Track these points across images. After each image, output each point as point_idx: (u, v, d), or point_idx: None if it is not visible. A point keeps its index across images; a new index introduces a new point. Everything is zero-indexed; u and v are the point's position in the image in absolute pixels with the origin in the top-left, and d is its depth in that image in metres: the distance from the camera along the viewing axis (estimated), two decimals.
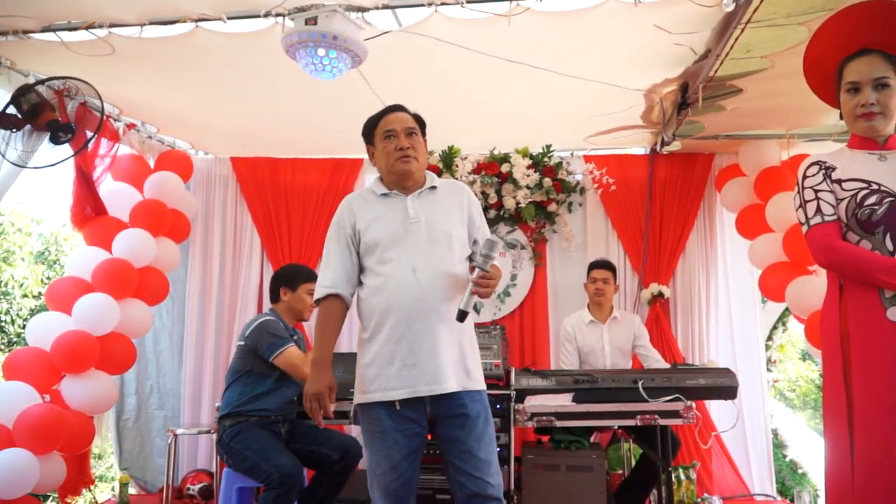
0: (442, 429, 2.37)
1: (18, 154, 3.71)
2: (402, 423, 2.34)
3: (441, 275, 2.36)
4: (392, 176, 2.50)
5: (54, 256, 10.90)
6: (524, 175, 5.08)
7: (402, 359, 2.32)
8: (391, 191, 2.50)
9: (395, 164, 2.46)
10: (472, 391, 2.39)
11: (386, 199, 2.50)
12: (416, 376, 2.31)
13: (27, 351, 4.02)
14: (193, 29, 3.32)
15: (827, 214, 2.26)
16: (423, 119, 2.61)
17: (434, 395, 2.32)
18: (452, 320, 2.33)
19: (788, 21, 2.92)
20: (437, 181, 2.56)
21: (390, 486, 2.33)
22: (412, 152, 2.46)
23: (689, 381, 3.60)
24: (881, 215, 2.20)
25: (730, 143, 4.81)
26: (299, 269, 3.69)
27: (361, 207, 2.51)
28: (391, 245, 2.40)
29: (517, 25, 3.13)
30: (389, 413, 2.34)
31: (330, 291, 2.45)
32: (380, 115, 2.57)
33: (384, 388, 2.34)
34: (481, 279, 2.30)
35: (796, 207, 2.36)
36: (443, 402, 2.34)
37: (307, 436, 3.43)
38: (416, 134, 2.52)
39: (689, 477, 4.64)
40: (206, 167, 5.47)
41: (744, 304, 5.09)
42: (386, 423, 2.34)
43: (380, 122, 2.54)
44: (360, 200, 2.55)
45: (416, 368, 2.31)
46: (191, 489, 4.72)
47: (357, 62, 3.18)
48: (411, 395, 2.31)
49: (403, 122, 2.51)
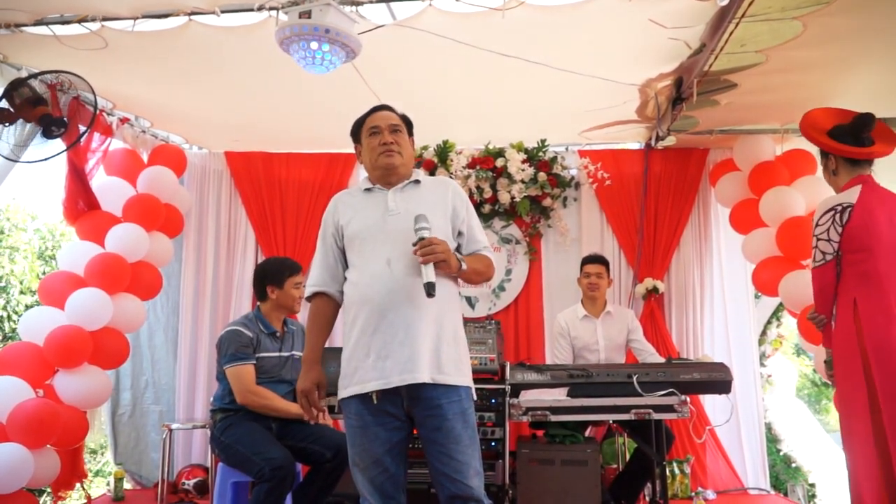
0: (420, 429, 2.35)
1: (11, 148, 3.69)
2: (381, 417, 2.33)
3: (416, 266, 2.31)
4: (377, 171, 2.53)
5: (51, 252, 10.87)
6: (519, 169, 5.08)
7: (376, 350, 2.32)
8: (375, 185, 2.54)
9: (379, 158, 2.49)
10: (449, 389, 2.33)
11: (369, 194, 2.53)
12: (390, 367, 2.29)
13: (20, 346, 4.01)
14: (187, 23, 3.30)
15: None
16: (409, 119, 2.64)
17: (409, 388, 2.29)
18: (428, 310, 2.32)
19: (783, 15, 2.92)
20: (423, 177, 2.58)
21: (376, 479, 2.33)
22: (396, 147, 2.49)
23: (684, 375, 3.61)
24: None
25: (724, 137, 4.82)
26: (283, 264, 3.64)
27: (345, 204, 2.55)
28: (369, 237, 2.42)
29: (511, 19, 3.13)
30: (368, 407, 2.33)
31: (315, 290, 2.51)
32: (366, 114, 2.61)
33: (361, 381, 2.33)
34: (419, 247, 2.27)
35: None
36: (419, 400, 2.31)
37: (299, 433, 3.42)
38: (400, 131, 2.55)
39: (683, 471, 4.67)
40: (200, 161, 5.45)
41: (738, 299, 5.10)
42: (366, 417, 2.34)
43: (366, 121, 2.58)
44: (345, 197, 2.59)
45: (390, 359, 2.29)
46: (186, 484, 4.72)
47: (351, 56, 3.17)
48: (384, 385, 2.29)
49: (388, 119, 2.55)
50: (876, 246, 2.88)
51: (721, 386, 3.65)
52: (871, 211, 2.91)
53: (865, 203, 2.92)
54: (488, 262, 2.53)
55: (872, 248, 2.89)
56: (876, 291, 2.87)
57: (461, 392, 2.37)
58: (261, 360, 3.44)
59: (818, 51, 3.31)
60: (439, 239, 2.34)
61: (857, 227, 2.90)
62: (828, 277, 3.00)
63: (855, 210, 2.92)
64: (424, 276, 2.26)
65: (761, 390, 5.15)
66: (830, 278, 3.00)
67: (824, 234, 2.97)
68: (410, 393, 2.31)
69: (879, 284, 2.87)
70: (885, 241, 2.89)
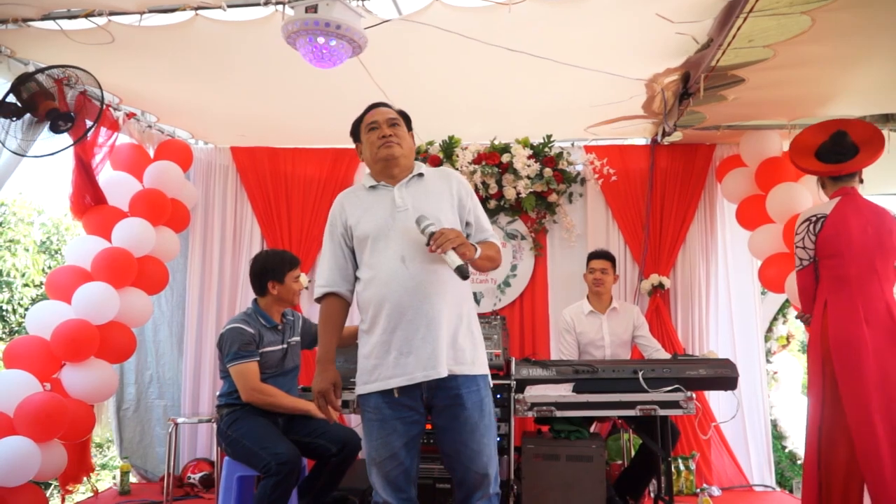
0: (437, 417, 2.40)
1: (18, 143, 3.70)
2: (400, 410, 2.37)
3: (430, 261, 2.37)
4: (378, 164, 2.55)
5: (56, 246, 10.92)
6: (525, 165, 5.07)
7: (398, 348, 2.36)
8: (379, 182, 2.55)
9: (379, 150, 2.52)
10: (468, 378, 2.40)
11: (374, 192, 2.55)
12: (412, 363, 2.34)
13: (27, 339, 4.03)
14: (193, 17, 3.30)
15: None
16: (407, 114, 2.67)
17: (430, 381, 2.35)
18: (445, 304, 2.37)
19: (791, 10, 2.90)
20: (425, 169, 2.60)
21: (390, 473, 2.36)
22: (395, 139, 2.52)
23: (690, 371, 3.61)
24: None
25: (731, 133, 4.80)
26: (281, 259, 3.62)
27: (351, 203, 2.56)
28: (380, 236, 2.44)
29: (518, 14, 3.11)
30: (388, 401, 2.37)
31: (326, 290, 2.53)
32: (363, 113, 2.65)
33: (383, 378, 2.37)
34: (433, 241, 2.30)
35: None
36: (439, 390, 2.36)
37: (305, 427, 3.43)
38: (398, 125, 2.57)
39: (688, 467, 4.66)
40: (206, 157, 5.46)
41: (744, 295, 5.09)
42: (385, 411, 2.37)
43: (364, 118, 2.63)
44: (350, 196, 2.61)
45: (412, 355, 2.34)
46: (192, 478, 4.74)
47: (357, 51, 3.17)
48: (408, 382, 2.34)
49: (385, 114, 2.58)
50: (846, 252, 3.24)
51: (727, 382, 3.64)
52: (845, 220, 3.27)
53: (839, 214, 3.29)
54: (497, 248, 2.58)
55: (843, 254, 3.25)
56: (846, 294, 3.23)
57: (479, 381, 2.44)
58: (265, 355, 3.45)
59: (826, 46, 3.29)
60: (448, 227, 2.37)
61: (830, 235, 3.28)
62: (807, 280, 3.41)
63: (828, 220, 3.30)
64: (451, 263, 2.30)
65: (767, 387, 5.14)
66: (810, 281, 3.40)
67: (800, 241, 3.39)
68: (430, 385, 2.36)
69: (849, 288, 3.23)
70: (855, 249, 3.23)
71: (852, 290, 3.22)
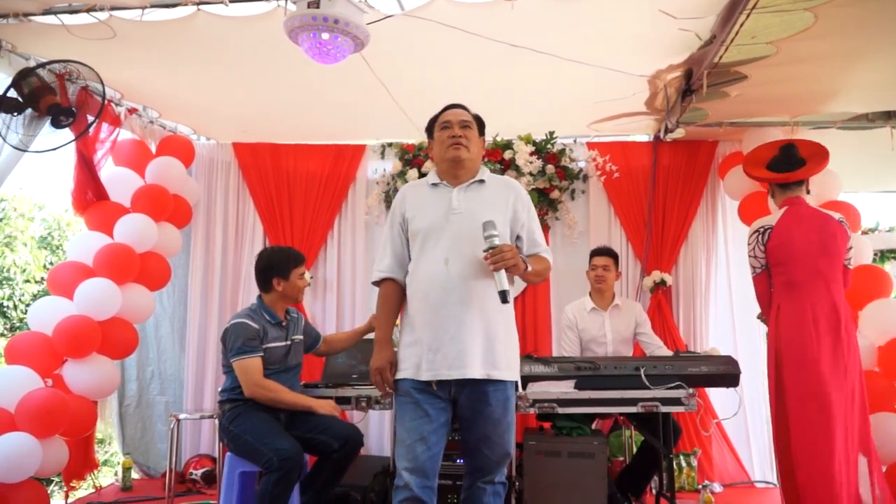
0: (463, 410, 2.51)
1: (19, 138, 3.70)
2: (430, 398, 2.49)
3: (472, 266, 2.47)
4: (444, 163, 2.65)
5: (57, 241, 10.91)
6: (527, 162, 5.06)
7: (427, 343, 2.49)
8: (441, 181, 2.66)
9: (447, 150, 2.62)
10: (497, 381, 2.50)
11: (435, 189, 2.66)
12: (440, 360, 2.46)
13: (29, 335, 4.03)
14: (195, 12, 3.30)
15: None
16: (482, 119, 2.76)
17: (458, 379, 2.45)
18: (481, 309, 2.47)
19: (794, 7, 2.89)
20: (488, 176, 2.69)
21: (420, 456, 2.43)
22: (464, 140, 2.61)
23: (692, 368, 3.60)
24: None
25: (733, 130, 4.79)
26: (287, 256, 3.62)
27: (413, 196, 2.69)
28: (431, 234, 2.56)
29: (520, 10, 3.11)
30: (419, 388, 2.50)
31: (383, 276, 2.68)
32: (440, 111, 2.75)
33: (415, 367, 2.51)
34: (490, 255, 2.41)
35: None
36: (466, 386, 2.47)
37: (307, 423, 3.43)
38: (470, 127, 2.66)
39: (690, 464, 4.67)
40: (208, 153, 5.46)
41: (745, 292, 5.05)
42: (416, 395, 2.50)
43: (439, 117, 2.73)
44: (413, 189, 2.74)
45: (440, 353, 2.46)
46: (194, 474, 4.75)
47: (359, 46, 3.16)
48: (434, 377, 2.47)
49: (459, 115, 2.68)
50: (791, 260, 3.50)
51: (729, 379, 3.64)
52: (788, 230, 3.52)
53: (783, 225, 3.55)
54: (547, 263, 2.70)
55: (789, 261, 3.50)
56: (796, 299, 3.47)
57: (507, 385, 2.55)
58: (269, 350, 3.45)
59: (829, 42, 3.28)
60: (509, 245, 2.47)
61: (776, 245, 3.54)
62: (762, 286, 3.68)
63: (774, 231, 3.56)
64: (498, 285, 2.42)
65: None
66: (764, 287, 3.67)
67: (751, 251, 3.66)
68: (458, 382, 2.46)
69: (798, 292, 3.48)
70: (799, 256, 3.48)
71: (801, 293, 3.46)
